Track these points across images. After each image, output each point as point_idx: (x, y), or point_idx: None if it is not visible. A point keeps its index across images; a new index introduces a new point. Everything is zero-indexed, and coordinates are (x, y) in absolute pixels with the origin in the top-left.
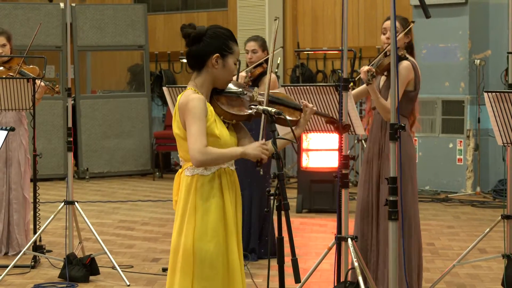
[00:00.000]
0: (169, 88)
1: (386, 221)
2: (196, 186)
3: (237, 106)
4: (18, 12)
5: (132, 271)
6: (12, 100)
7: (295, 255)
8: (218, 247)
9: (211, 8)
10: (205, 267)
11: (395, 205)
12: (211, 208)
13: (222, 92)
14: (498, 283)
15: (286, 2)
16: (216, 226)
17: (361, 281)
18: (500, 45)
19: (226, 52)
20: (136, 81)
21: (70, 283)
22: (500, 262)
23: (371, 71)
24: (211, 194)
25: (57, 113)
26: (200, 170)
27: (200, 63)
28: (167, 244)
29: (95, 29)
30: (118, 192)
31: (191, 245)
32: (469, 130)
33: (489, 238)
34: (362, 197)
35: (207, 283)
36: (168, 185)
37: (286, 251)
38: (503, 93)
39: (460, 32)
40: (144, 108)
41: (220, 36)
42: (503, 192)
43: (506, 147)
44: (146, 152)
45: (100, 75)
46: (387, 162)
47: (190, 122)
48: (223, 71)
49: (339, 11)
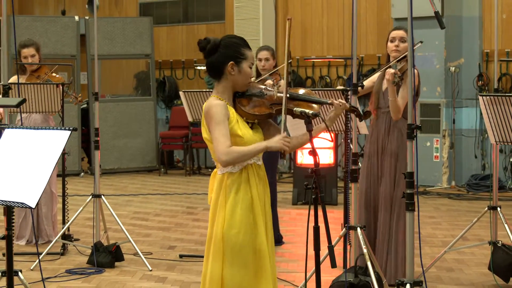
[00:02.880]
0: (185, 92)
1: (385, 212)
2: (226, 183)
3: (258, 106)
4: (38, 24)
5: (152, 258)
6: (42, 104)
7: (331, 242)
8: (246, 237)
9: (210, 21)
10: (234, 255)
11: (412, 198)
12: (239, 201)
13: (243, 94)
14: (483, 267)
15: (278, 15)
16: (243, 217)
17: (370, 265)
18: (472, 53)
19: (240, 59)
20: (141, 86)
21: (98, 269)
22: (481, 249)
23: (397, 74)
24: (239, 189)
25: (72, 115)
26: (228, 168)
27: (218, 72)
28: (179, 233)
29: (106, 40)
30: (129, 186)
31: (221, 234)
32: (445, 130)
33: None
34: (364, 189)
35: (235, 269)
36: (172, 180)
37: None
38: (496, 97)
39: (437, 42)
40: (150, 111)
41: (232, 45)
42: (476, 185)
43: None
44: (152, 151)
45: (108, 81)
46: (389, 158)
47: (212, 128)
48: (240, 76)
49: (325, 23)
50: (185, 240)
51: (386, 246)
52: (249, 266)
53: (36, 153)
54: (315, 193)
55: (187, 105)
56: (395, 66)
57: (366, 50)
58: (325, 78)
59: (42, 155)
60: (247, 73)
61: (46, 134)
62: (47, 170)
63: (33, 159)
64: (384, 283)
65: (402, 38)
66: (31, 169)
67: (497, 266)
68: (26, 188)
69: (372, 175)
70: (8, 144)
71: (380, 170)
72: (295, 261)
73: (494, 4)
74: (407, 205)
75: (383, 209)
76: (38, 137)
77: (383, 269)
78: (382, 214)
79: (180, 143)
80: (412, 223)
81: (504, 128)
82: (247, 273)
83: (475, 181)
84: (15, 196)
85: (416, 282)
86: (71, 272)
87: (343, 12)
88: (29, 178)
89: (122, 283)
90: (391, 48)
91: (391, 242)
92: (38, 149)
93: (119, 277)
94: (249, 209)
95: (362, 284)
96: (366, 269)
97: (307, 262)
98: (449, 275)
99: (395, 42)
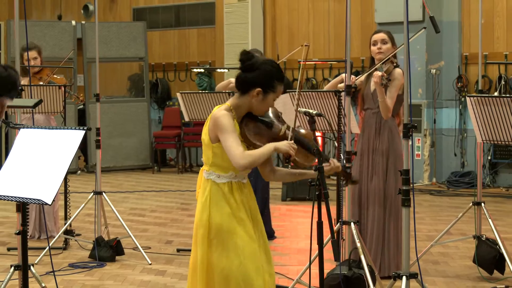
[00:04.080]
0: (182, 94)
1: (378, 208)
2: (210, 188)
3: (260, 136)
4: (36, 28)
5: (150, 252)
6: (45, 104)
7: (334, 236)
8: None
9: (200, 25)
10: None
11: (408, 194)
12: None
13: (255, 117)
14: (466, 260)
15: (267, 20)
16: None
17: (363, 258)
18: (452, 57)
19: (269, 90)
20: (135, 88)
21: (100, 262)
22: (464, 242)
23: (384, 76)
24: (221, 205)
25: (69, 115)
26: (213, 176)
27: (244, 89)
28: (175, 228)
29: (102, 44)
30: (125, 183)
31: (207, 221)
32: (426, 129)
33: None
34: (356, 186)
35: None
36: (165, 178)
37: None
38: (483, 97)
39: (418, 46)
40: (144, 112)
41: (268, 74)
42: (456, 182)
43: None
44: (146, 149)
45: (103, 83)
46: (380, 157)
47: (225, 137)
48: (261, 104)
49: (311, 28)
50: (181, 235)
51: (380, 240)
52: (237, 251)
53: (51, 152)
54: (319, 190)
55: (184, 105)
56: (381, 69)
57: (351, 53)
58: (311, 80)
59: (57, 154)
60: (269, 104)
61: (61, 134)
62: (62, 168)
63: (48, 157)
64: (376, 275)
65: (383, 40)
66: (47, 167)
67: (481, 259)
68: (42, 186)
69: (363, 173)
70: (23, 144)
71: (372, 168)
72: (287, 254)
73: (472, 9)
74: (403, 201)
75: (376, 205)
76: (53, 136)
77: (376, 262)
78: (376, 210)
79: (173, 142)
80: (408, 218)
81: (490, 127)
82: (234, 257)
83: (455, 178)
84: (32, 193)
85: (411, 274)
86: (74, 266)
87: (328, 18)
88: (44, 176)
89: (124, 276)
90: (374, 51)
91: (384, 237)
92: (53, 148)
93: (120, 271)
94: (230, 216)
95: (356, 276)
96: (359, 262)
97: (310, 256)
98: (435, 267)
99: (378, 45)
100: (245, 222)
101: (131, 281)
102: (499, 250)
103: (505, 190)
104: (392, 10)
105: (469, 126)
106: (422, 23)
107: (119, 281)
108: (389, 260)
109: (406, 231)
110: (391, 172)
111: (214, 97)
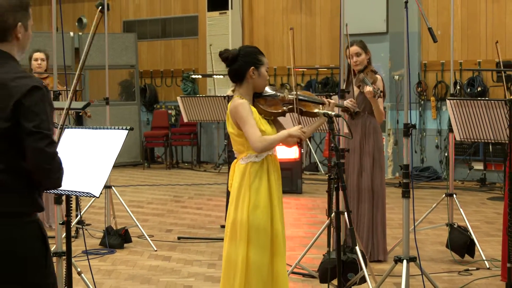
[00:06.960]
0: (182, 98)
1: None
2: (250, 171)
3: (273, 105)
4: (38, 39)
5: (154, 240)
6: None
7: (351, 225)
8: (267, 218)
9: (185, 36)
10: (260, 235)
11: (407, 186)
12: (261, 185)
13: (260, 95)
14: (438, 245)
15: (245, 32)
16: (265, 198)
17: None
18: (413, 64)
19: (259, 64)
20: (125, 92)
21: (110, 249)
22: (433, 230)
23: (375, 88)
24: (261, 176)
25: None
26: (252, 158)
27: (241, 77)
28: (172, 218)
29: (97, 52)
30: (119, 178)
31: (247, 216)
32: (390, 129)
33: (420, 212)
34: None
35: (260, 249)
36: (155, 173)
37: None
38: (462, 100)
39: (382, 54)
40: (135, 114)
41: (250, 53)
42: (417, 176)
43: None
44: (137, 148)
45: (96, 88)
46: (367, 157)
47: (243, 123)
48: (259, 79)
49: (286, 39)
50: (179, 224)
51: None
52: (268, 247)
53: (96, 150)
54: (337, 182)
55: (183, 108)
56: (367, 80)
57: (321, 61)
58: (286, 86)
59: (102, 151)
60: (264, 76)
61: (105, 133)
62: (108, 164)
63: (94, 155)
64: (366, 258)
65: (357, 53)
66: (93, 164)
67: (454, 244)
68: (90, 180)
69: (350, 170)
70: (69, 142)
71: (360, 166)
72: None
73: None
74: (403, 193)
75: (366, 200)
76: (97, 136)
77: (366, 248)
78: (366, 204)
79: (161, 141)
80: (407, 208)
81: (468, 127)
82: (266, 253)
83: (416, 172)
84: (80, 187)
85: (411, 258)
86: (88, 253)
87: (300, 30)
88: (92, 171)
89: (134, 261)
90: (352, 64)
91: (373, 227)
92: (98, 147)
93: (129, 257)
94: (269, 192)
95: (349, 260)
96: (352, 248)
97: None
98: (412, 252)
99: (353, 59)
100: (275, 208)
101: (141, 266)
102: (470, 236)
103: (461, 183)
104: (359, 24)
105: (428, 126)
106: (386, 34)
107: (130, 266)
108: (378, 247)
109: (406, 220)
110: (377, 169)
111: (211, 101)
